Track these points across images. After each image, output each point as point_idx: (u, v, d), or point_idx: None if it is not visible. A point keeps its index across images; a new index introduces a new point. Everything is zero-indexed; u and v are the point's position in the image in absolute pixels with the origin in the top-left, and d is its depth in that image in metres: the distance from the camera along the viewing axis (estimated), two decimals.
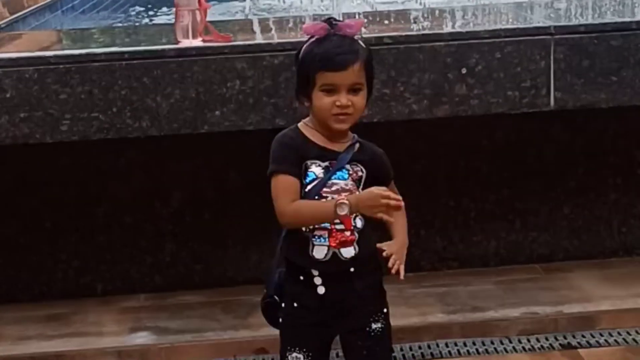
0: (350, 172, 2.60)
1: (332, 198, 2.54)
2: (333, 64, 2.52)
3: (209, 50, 3.58)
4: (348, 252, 2.60)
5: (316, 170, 2.58)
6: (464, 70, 3.63)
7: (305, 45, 2.60)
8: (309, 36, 2.61)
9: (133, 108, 3.59)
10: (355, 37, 2.61)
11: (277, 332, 2.79)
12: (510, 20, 4.01)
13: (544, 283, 4.15)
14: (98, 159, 4.14)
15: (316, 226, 2.58)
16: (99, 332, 3.93)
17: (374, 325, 2.67)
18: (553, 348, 3.71)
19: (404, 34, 3.63)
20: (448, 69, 3.63)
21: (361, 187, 2.60)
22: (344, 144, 2.63)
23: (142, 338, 3.86)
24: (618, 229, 4.35)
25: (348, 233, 2.59)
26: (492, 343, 3.78)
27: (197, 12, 3.60)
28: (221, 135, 4.06)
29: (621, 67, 3.66)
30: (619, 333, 3.79)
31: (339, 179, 2.59)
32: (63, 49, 3.92)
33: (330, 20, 2.60)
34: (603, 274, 4.19)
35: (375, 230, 2.70)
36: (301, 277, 2.65)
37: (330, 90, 2.54)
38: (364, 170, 2.62)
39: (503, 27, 3.68)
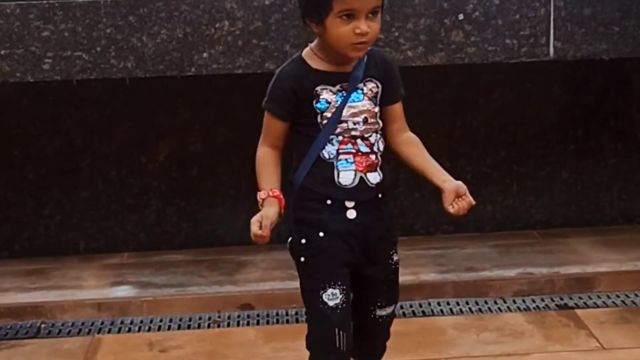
0: (365, 91, 2.42)
1: (353, 123, 2.38)
2: None
3: None
4: (374, 177, 2.41)
5: (327, 96, 2.39)
6: (461, 16, 3.51)
7: None
8: None
9: (118, 47, 3.47)
10: None
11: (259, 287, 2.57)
12: None
13: (540, 247, 4.03)
14: (82, 110, 4.02)
15: (340, 150, 2.39)
16: (79, 286, 3.80)
17: (395, 258, 2.52)
18: (549, 308, 3.57)
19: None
20: (445, 14, 3.51)
21: (378, 102, 2.43)
22: (352, 64, 2.42)
23: (123, 291, 3.72)
24: (618, 195, 4.21)
25: (373, 157, 2.40)
26: (486, 303, 3.64)
27: None
28: (211, 88, 3.97)
29: (624, 16, 3.53)
30: (617, 295, 3.65)
31: (354, 101, 2.40)
32: None
33: None
34: (602, 240, 4.07)
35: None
36: (328, 202, 2.40)
37: (349, 15, 2.32)
38: (378, 84, 2.43)
39: None
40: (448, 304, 3.64)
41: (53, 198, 4.12)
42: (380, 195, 2.43)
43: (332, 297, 2.40)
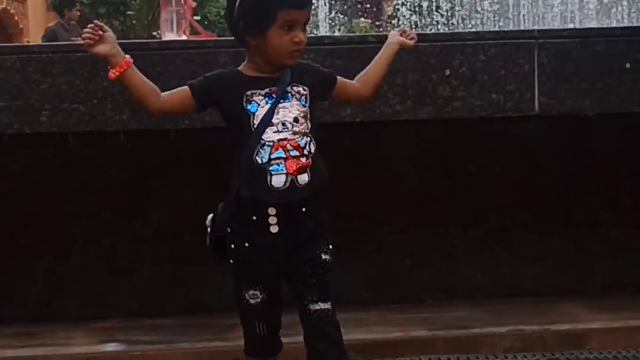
0: (293, 94, 2.68)
1: (282, 124, 2.63)
2: (301, 2, 2.64)
3: (192, 44, 3.60)
4: (303, 178, 2.64)
5: (257, 99, 2.64)
6: (447, 72, 3.62)
7: None
8: None
9: (114, 100, 3.56)
10: None
11: None
12: None
13: (531, 310, 4.02)
14: (76, 177, 4.08)
15: (272, 156, 2.62)
16: (68, 343, 3.78)
17: (323, 256, 2.71)
18: None
19: (387, 33, 3.62)
20: (432, 69, 3.61)
21: (308, 103, 2.68)
22: (279, 72, 2.69)
23: (111, 346, 3.70)
24: (610, 263, 4.22)
25: (303, 159, 2.63)
26: (477, 358, 3.61)
27: (182, 9, 3.60)
28: (201, 154, 4.04)
29: (606, 73, 3.64)
30: (609, 351, 3.63)
31: (283, 101, 2.66)
32: None
33: None
34: (593, 304, 4.05)
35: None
36: (254, 218, 2.66)
37: (290, 26, 2.62)
38: (305, 88, 2.69)
39: (487, 29, 3.66)
40: (439, 359, 3.61)
41: (44, 263, 4.12)
42: (304, 209, 2.67)
43: (253, 297, 2.76)
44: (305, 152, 2.65)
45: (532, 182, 4.14)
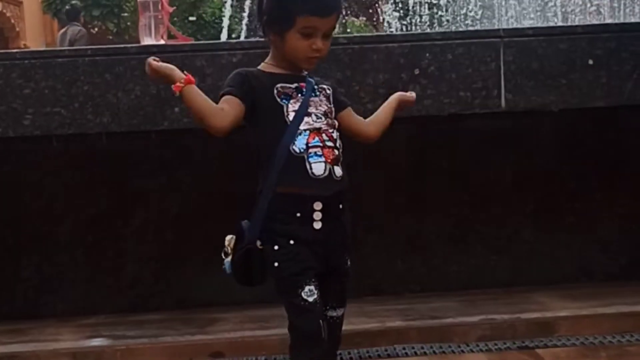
0: (320, 90, 2.70)
1: (316, 116, 2.63)
2: (322, 10, 2.59)
3: (169, 48, 3.72)
4: (338, 170, 2.63)
5: (288, 91, 2.63)
6: (417, 71, 3.74)
7: None
8: None
9: (95, 103, 3.68)
10: None
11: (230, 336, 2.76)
12: None
13: (503, 300, 4.15)
14: (61, 178, 4.19)
15: (309, 144, 2.59)
16: (55, 339, 3.89)
17: (349, 263, 2.75)
18: (511, 349, 3.68)
19: (358, 34, 3.75)
20: (401, 69, 3.74)
21: (332, 104, 2.71)
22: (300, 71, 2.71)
23: (97, 341, 3.82)
24: (578, 253, 4.36)
25: (336, 151, 2.63)
26: (450, 347, 3.74)
27: (160, 15, 3.72)
28: (184, 153, 4.16)
29: (569, 70, 3.77)
30: (577, 338, 3.76)
31: (314, 96, 2.67)
32: None
33: None
34: (562, 294, 4.17)
35: None
36: (298, 215, 2.60)
37: (309, 33, 2.60)
38: (329, 89, 2.74)
39: (454, 29, 3.79)
40: (413, 347, 3.74)
41: (31, 262, 4.24)
42: (340, 206, 2.66)
43: (310, 293, 2.58)
44: (338, 144, 2.65)
45: (501, 176, 4.26)
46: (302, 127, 2.59)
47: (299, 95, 2.63)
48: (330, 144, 2.62)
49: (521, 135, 4.26)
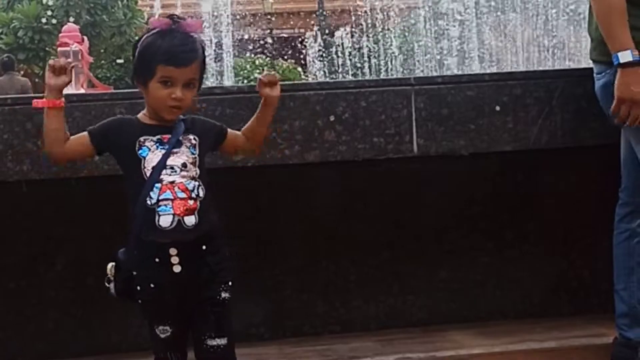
0: (184, 141, 2.89)
1: (171, 169, 2.84)
2: (176, 60, 2.81)
3: (89, 97, 3.77)
4: (190, 220, 2.83)
5: (149, 144, 2.85)
6: (332, 118, 3.86)
7: (147, 35, 2.91)
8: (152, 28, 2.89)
9: (14, 151, 3.72)
10: (195, 36, 2.92)
11: None
12: None
13: (421, 339, 4.26)
14: None
15: (160, 197, 2.81)
16: None
17: (223, 295, 2.93)
18: None
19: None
20: (317, 116, 3.86)
21: (197, 152, 2.89)
22: (173, 122, 2.91)
23: None
24: (492, 292, 4.49)
25: (191, 202, 2.83)
26: None
27: (80, 64, 3.79)
28: (102, 200, 4.21)
29: (477, 115, 3.93)
30: None
31: (176, 148, 2.87)
32: None
33: (173, 17, 2.91)
34: (477, 331, 4.31)
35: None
36: (157, 260, 2.86)
37: (167, 82, 2.82)
38: (196, 138, 2.91)
39: (367, 78, 3.93)
40: None
41: None
42: (204, 247, 2.88)
43: (164, 331, 2.96)
44: (194, 195, 2.84)
45: (416, 218, 4.39)
46: (157, 181, 2.81)
47: (158, 149, 2.82)
48: (182, 195, 2.81)
49: (434, 177, 4.39)
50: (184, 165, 2.86)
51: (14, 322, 4.27)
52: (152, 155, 2.83)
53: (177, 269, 2.85)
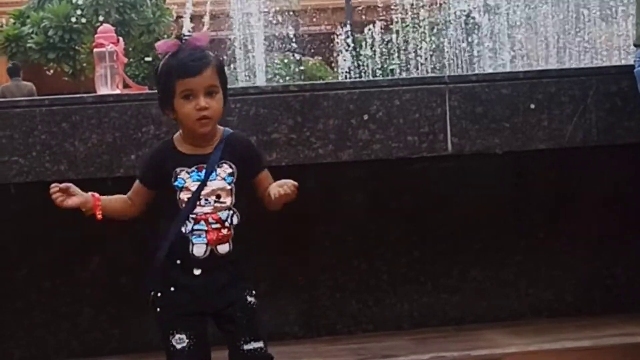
0: (219, 172, 2.90)
1: (205, 200, 2.88)
2: (188, 70, 2.84)
3: (125, 97, 3.81)
4: (223, 248, 2.90)
5: (184, 176, 2.89)
6: (365, 117, 3.87)
7: (162, 62, 2.93)
8: (164, 53, 2.92)
9: (52, 152, 3.75)
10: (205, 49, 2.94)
11: None
12: None
13: (454, 338, 4.26)
14: (19, 225, 4.24)
15: (194, 227, 2.88)
16: None
17: (249, 299, 2.96)
18: None
19: (308, 82, 3.87)
20: (351, 115, 3.87)
21: (234, 180, 2.91)
22: (212, 146, 2.93)
23: None
24: (525, 291, 4.48)
25: (225, 230, 2.89)
26: None
27: (115, 65, 3.83)
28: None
29: (512, 114, 3.92)
30: None
31: (211, 180, 2.90)
32: None
33: (180, 36, 2.95)
34: (510, 330, 4.30)
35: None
36: (178, 261, 2.91)
37: (189, 95, 2.84)
38: (233, 166, 2.92)
39: (401, 77, 3.93)
40: None
41: None
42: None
43: (180, 341, 2.91)
44: (227, 224, 2.89)
45: (449, 216, 4.39)
46: (191, 212, 2.87)
47: (193, 180, 2.87)
48: (216, 225, 2.88)
49: (467, 176, 4.38)
50: (218, 196, 2.90)
51: (49, 320, 4.31)
52: (187, 187, 2.89)
53: (197, 271, 2.91)
